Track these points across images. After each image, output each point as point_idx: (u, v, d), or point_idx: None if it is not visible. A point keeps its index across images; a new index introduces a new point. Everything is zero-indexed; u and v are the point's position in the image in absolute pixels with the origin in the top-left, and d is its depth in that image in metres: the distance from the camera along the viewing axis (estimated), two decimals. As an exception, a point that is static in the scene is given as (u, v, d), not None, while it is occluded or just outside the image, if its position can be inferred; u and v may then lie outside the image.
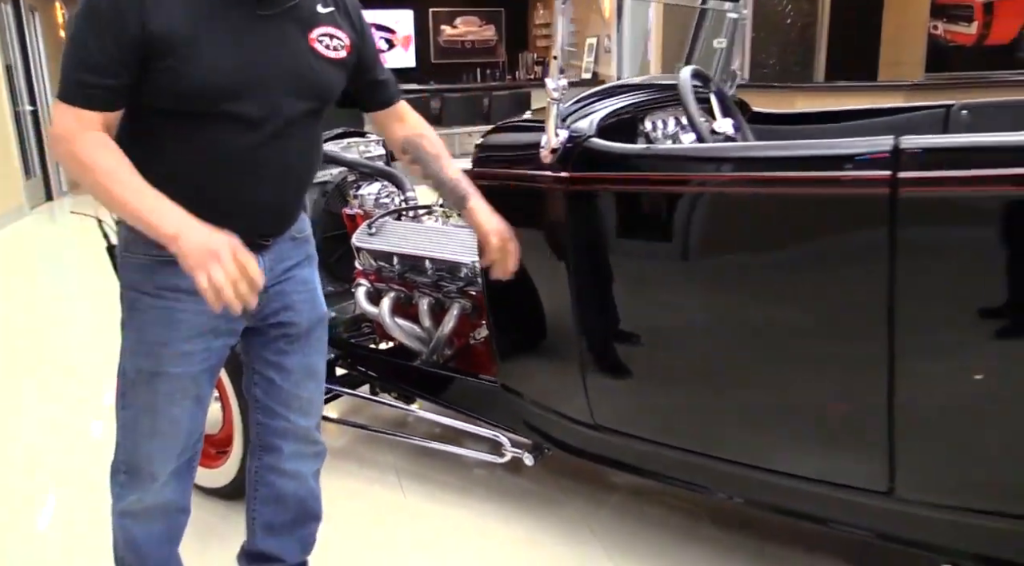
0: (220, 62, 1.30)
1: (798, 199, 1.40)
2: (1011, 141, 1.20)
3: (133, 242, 1.43)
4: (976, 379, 1.32)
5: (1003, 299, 1.28)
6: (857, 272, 1.35)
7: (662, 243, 1.59)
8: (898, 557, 1.72)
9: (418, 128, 1.70)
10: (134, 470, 1.53)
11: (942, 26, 8.22)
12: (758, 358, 1.52)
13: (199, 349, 1.48)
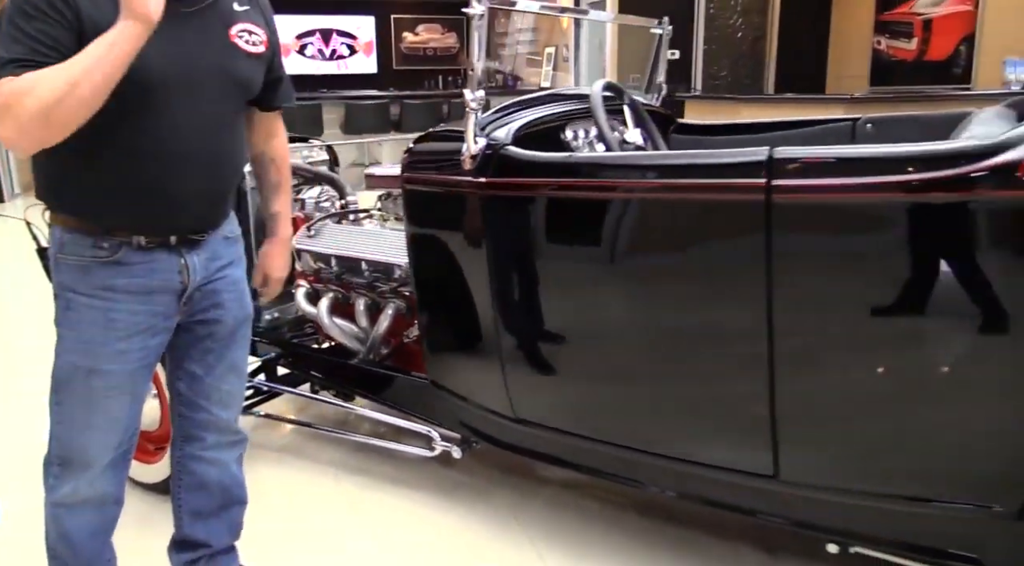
0: (148, 56, 1.34)
1: (685, 204, 1.52)
2: (869, 153, 1.34)
3: (69, 244, 1.49)
4: (851, 373, 1.44)
5: (868, 296, 1.41)
6: (739, 272, 1.48)
7: (566, 245, 1.71)
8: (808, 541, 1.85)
9: (278, 153, 1.81)
10: (67, 462, 1.58)
11: (885, 42, 8.52)
12: (655, 353, 1.64)
13: (136, 348, 1.53)
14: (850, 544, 1.63)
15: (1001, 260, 1.27)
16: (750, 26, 8.81)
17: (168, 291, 1.55)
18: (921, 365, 1.40)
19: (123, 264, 1.50)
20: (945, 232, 1.31)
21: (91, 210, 1.47)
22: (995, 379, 1.35)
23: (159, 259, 1.52)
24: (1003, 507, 1.38)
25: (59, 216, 1.51)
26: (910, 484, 1.49)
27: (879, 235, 1.36)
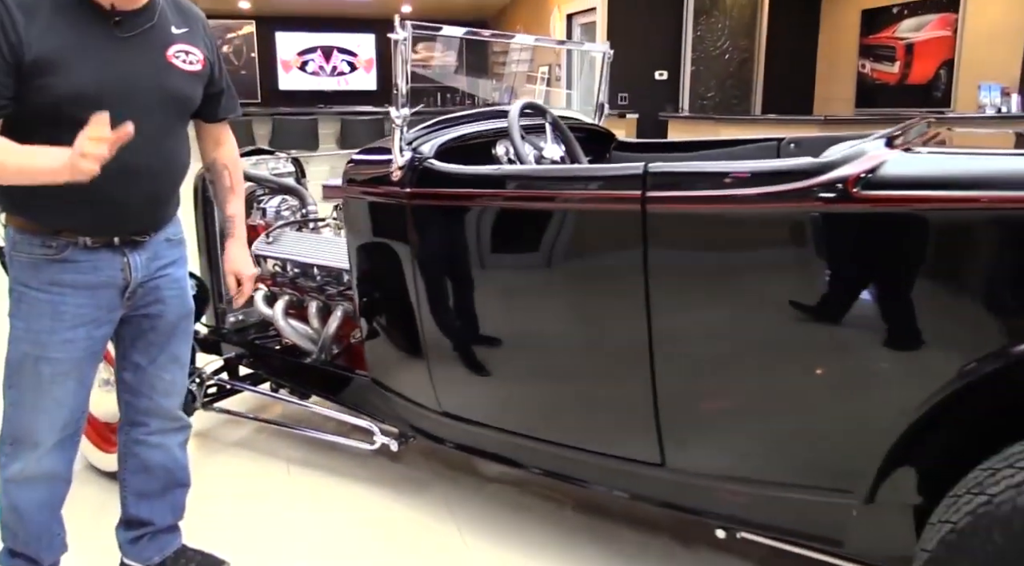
0: (87, 78, 1.51)
1: (572, 213, 1.67)
2: (728, 168, 1.49)
3: (20, 242, 1.64)
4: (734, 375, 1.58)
5: (734, 298, 1.55)
6: (621, 276, 1.62)
7: (475, 251, 1.86)
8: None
9: (228, 159, 1.98)
10: (18, 442, 1.72)
11: (869, 65, 8.69)
12: (551, 351, 1.80)
13: (81, 337, 1.67)
14: (735, 530, 1.76)
15: (839, 265, 1.42)
16: (737, 48, 9.00)
17: (112, 287, 1.69)
18: (784, 363, 1.54)
19: (70, 262, 1.64)
20: (792, 239, 1.45)
21: (40, 213, 1.61)
22: (847, 377, 1.48)
23: (103, 258, 1.67)
24: (857, 493, 1.51)
25: (13, 218, 1.65)
26: (780, 472, 1.62)
27: (739, 241, 1.51)
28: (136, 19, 1.58)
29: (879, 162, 1.35)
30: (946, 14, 7.68)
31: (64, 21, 1.51)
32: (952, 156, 1.42)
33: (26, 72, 1.47)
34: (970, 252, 1.30)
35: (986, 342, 1.29)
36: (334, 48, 12.61)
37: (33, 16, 1.48)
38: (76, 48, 1.51)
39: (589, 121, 2.81)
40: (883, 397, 1.42)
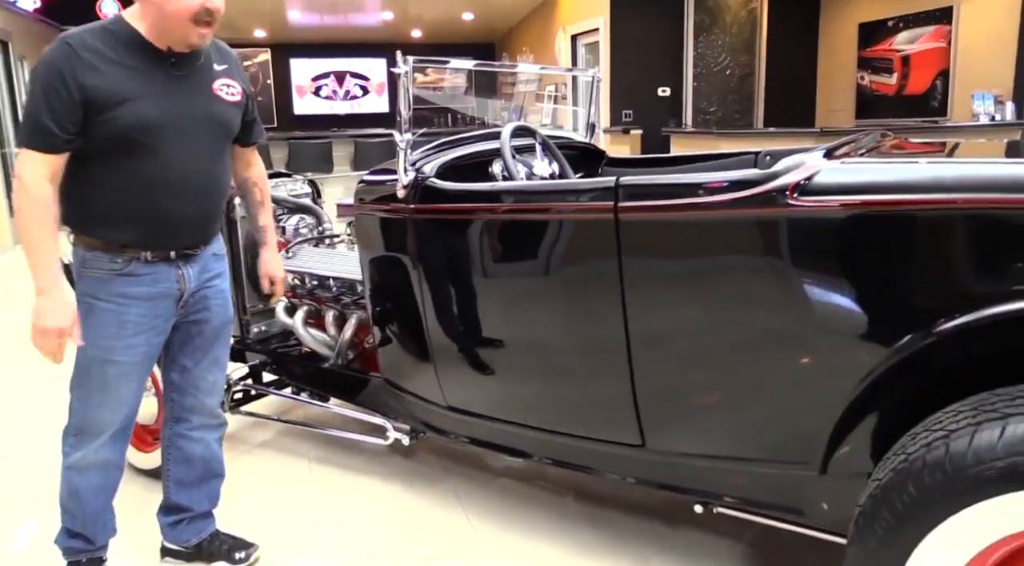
0: (150, 110, 1.77)
1: (556, 223, 1.90)
2: (685, 179, 1.71)
3: (90, 259, 1.86)
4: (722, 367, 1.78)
5: (699, 294, 1.76)
6: (599, 276, 1.83)
7: (472, 259, 2.08)
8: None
9: (257, 178, 2.25)
10: (83, 433, 1.95)
11: (868, 77, 8.89)
12: (542, 349, 2.01)
13: (142, 343, 1.90)
14: (712, 504, 1.96)
15: (783, 262, 1.62)
16: (738, 64, 9.22)
17: (168, 297, 1.93)
18: (745, 351, 1.74)
19: (134, 275, 1.87)
20: (742, 240, 1.65)
21: (109, 232, 1.85)
22: (795, 361, 1.68)
23: (161, 271, 1.90)
24: (811, 465, 1.70)
25: (81, 237, 1.88)
26: (747, 449, 1.81)
27: (698, 244, 1.72)
28: (188, 59, 1.85)
29: (814, 172, 1.56)
30: (940, 26, 7.87)
31: (129, 61, 1.76)
32: (873, 165, 1.62)
33: (96, 107, 1.71)
34: (890, 246, 1.50)
35: (909, 324, 1.49)
36: (347, 73, 12.98)
37: (101, 58, 1.73)
38: (140, 84, 1.77)
39: (581, 140, 3.03)
40: (826, 378, 1.61)
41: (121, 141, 1.76)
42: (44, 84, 1.71)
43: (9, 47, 8.88)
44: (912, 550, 1.34)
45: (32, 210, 1.73)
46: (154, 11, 1.77)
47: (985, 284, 1.43)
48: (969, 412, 1.35)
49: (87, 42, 1.73)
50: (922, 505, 1.33)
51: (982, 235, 1.43)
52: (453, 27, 11.91)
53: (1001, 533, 1.29)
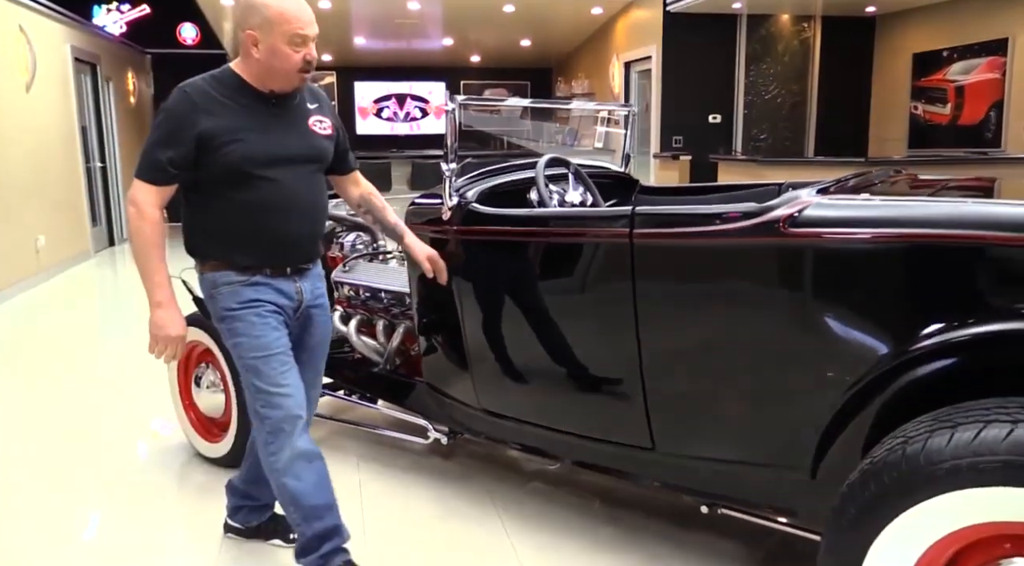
0: (257, 145, 2.01)
1: (579, 246, 2.13)
2: (693, 210, 1.93)
3: (220, 279, 2.06)
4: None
5: (704, 312, 1.97)
6: (616, 294, 2.06)
7: (509, 277, 2.33)
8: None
9: (369, 189, 2.44)
10: (276, 431, 2.04)
11: (921, 107, 8.90)
12: (566, 360, 2.24)
13: (284, 334, 2.09)
14: (716, 505, 2.15)
15: (776, 286, 1.82)
16: (789, 92, 9.33)
17: (289, 306, 2.12)
18: (743, 365, 1.94)
19: (260, 285, 2.08)
20: (742, 266, 1.86)
21: (230, 255, 2.06)
22: (787, 374, 1.87)
23: (282, 283, 2.11)
24: (803, 470, 1.89)
25: (207, 263, 2.09)
26: (745, 454, 2.00)
27: (703, 268, 1.93)
28: (287, 100, 2.08)
29: (803, 206, 1.76)
30: (994, 57, 7.88)
31: (237, 104, 2.01)
32: (853, 202, 1.81)
33: (211, 145, 1.96)
34: (866, 274, 1.69)
35: (884, 344, 1.67)
36: (408, 95, 13.46)
37: (214, 102, 1.98)
38: (248, 123, 2.01)
39: (616, 169, 3.26)
40: (813, 390, 1.80)
41: (234, 173, 1.98)
42: (164, 127, 1.97)
43: (98, 69, 9.54)
44: (872, 541, 1.52)
45: (150, 231, 1.98)
46: (260, 67, 2.01)
47: (949, 310, 1.61)
48: (929, 422, 1.53)
49: (201, 88, 1.99)
50: (881, 501, 1.51)
51: (945, 266, 1.62)
52: (511, 52, 12.28)
53: (950, 528, 1.46)
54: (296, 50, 1.98)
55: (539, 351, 2.33)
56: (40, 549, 2.54)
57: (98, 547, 2.58)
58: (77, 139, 8.61)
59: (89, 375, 4.52)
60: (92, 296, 7.18)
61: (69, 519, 2.75)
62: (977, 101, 8.15)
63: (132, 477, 3.07)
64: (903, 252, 1.65)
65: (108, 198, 9.79)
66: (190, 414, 3.17)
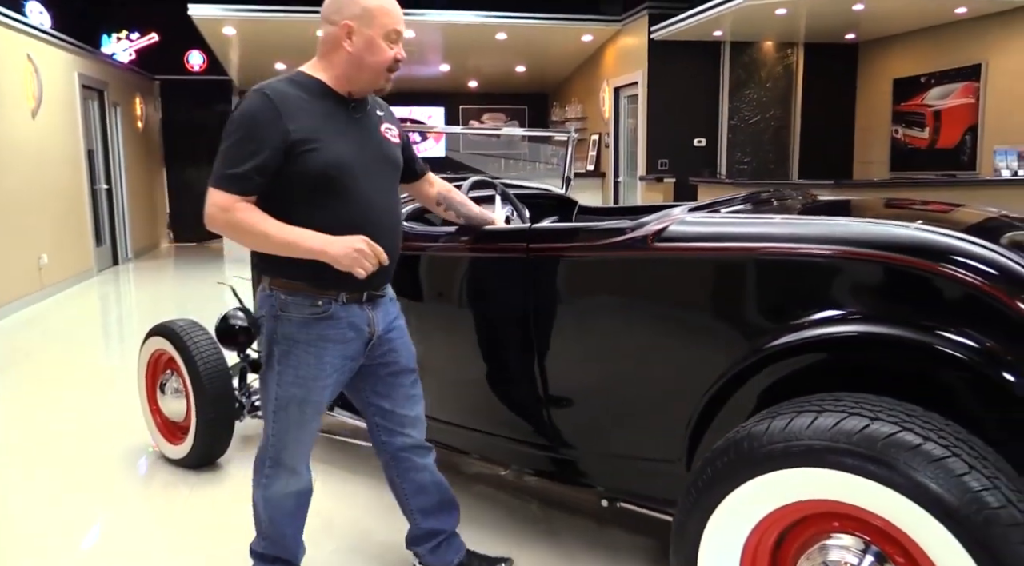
0: (341, 150, 1.89)
1: (484, 260, 2.35)
2: (572, 226, 2.14)
3: (291, 304, 1.93)
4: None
5: (585, 318, 2.17)
6: (516, 302, 2.27)
7: (428, 287, 2.55)
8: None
9: (444, 186, 2.37)
10: (278, 464, 2.03)
11: (902, 130, 9.09)
12: (476, 363, 2.44)
13: (332, 383, 2.00)
14: (615, 499, 2.33)
15: (646, 294, 2.03)
16: (773, 117, 9.54)
17: (359, 340, 2.01)
18: (622, 367, 2.11)
19: (333, 318, 1.94)
20: (619, 275, 2.07)
21: (309, 275, 1.89)
22: (657, 375, 2.05)
23: (355, 313, 1.98)
24: (679, 462, 2.07)
25: (280, 281, 1.94)
26: (632, 449, 2.19)
27: (588, 278, 2.14)
28: (361, 105, 2.00)
29: (668, 223, 1.97)
30: (969, 82, 8.06)
31: (318, 108, 1.90)
32: (715, 220, 2.01)
33: (297, 149, 1.84)
34: (723, 282, 1.90)
35: (738, 347, 1.87)
36: (408, 119, 13.76)
37: (296, 105, 1.86)
38: (329, 127, 1.90)
39: (557, 191, 3.48)
40: (680, 390, 1.99)
41: (320, 179, 1.86)
42: (246, 131, 1.83)
43: (105, 95, 9.92)
44: (708, 518, 1.70)
45: (248, 215, 1.83)
46: (349, 62, 1.91)
47: (786, 317, 1.80)
48: (762, 414, 1.71)
49: (281, 90, 1.86)
50: (714, 483, 1.69)
51: (782, 276, 1.82)
52: (507, 78, 12.58)
53: (773, 506, 1.64)
54: (391, 46, 1.92)
55: (455, 356, 2.54)
56: (29, 550, 2.75)
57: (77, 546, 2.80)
58: (83, 162, 8.95)
59: (82, 389, 4.76)
60: (91, 314, 7.45)
61: (60, 527, 2.96)
62: (953, 125, 8.33)
63: (122, 489, 3.28)
64: (749, 264, 1.85)
65: (113, 219, 10.13)
66: (156, 418, 3.40)
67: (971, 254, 1.67)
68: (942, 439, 1.44)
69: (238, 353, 3.50)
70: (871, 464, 1.45)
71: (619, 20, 9.88)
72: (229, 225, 1.84)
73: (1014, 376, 1.56)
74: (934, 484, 1.38)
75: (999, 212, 2.30)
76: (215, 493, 3.07)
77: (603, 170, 10.82)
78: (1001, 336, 1.60)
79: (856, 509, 1.52)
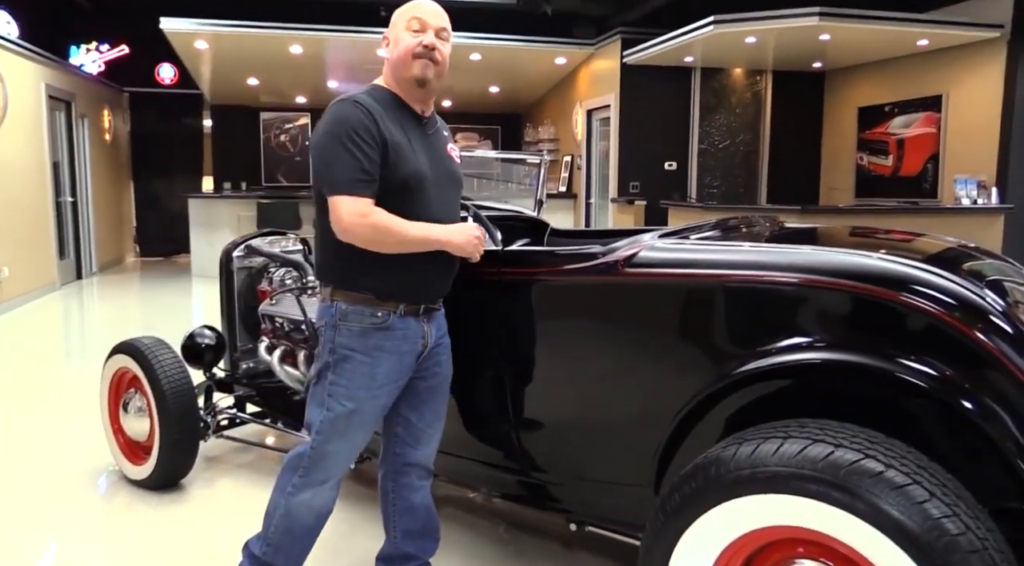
0: (420, 163, 1.95)
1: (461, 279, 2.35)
2: (548, 250, 2.15)
3: (351, 313, 1.95)
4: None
5: (559, 339, 2.18)
6: (488, 321, 2.28)
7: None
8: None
9: None
10: (313, 471, 2.00)
11: (867, 158, 9.30)
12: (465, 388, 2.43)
13: (383, 395, 2.01)
14: (583, 523, 2.33)
15: (616, 318, 2.04)
16: (742, 142, 9.70)
17: (413, 353, 2.02)
18: (591, 391, 2.12)
19: (391, 329, 1.96)
20: (588, 299, 2.08)
21: (375, 283, 1.94)
22: (626, 401, 2.06)
23: (411, 326, 2.00)
24: (647, 486, 2.08)
25: (342, 292, 1.97)
26: (604, 472, 2.19)
27: (557, 300, 2.16)
28: (431, 121, 2.08)
29: (639, 249, 2.00)
30: (931, 112, 8.29)
31: (398, 121, 1.95)
32: (683, 246, 2.04)
33: (387, 156, 1.89)
34: (692, 308, 1.92)
35: (706, 370, 1.89)
36: (381, 137, 13.79)
37: (382, 116, 1.91)
38: (409, 140, 1.96)
39: (529, 213, 3.50)
40: (647, 414, 2.00)
41: (400, 188, 1.90)
42: (349, 136, 1.85)
43: (72, 106, 9.79)
44: (676, 544, 1.71)
45: (383, 219, 1.86)
46: (389, 66, 2.00)
47: (756, 341, 1.82)
48: (728, 440, 1.73)
49: (367, 102, 1.91)
50: (682, 508, 1.70)
51: (749, 303, 1.84)
52: (481, 99, 12.64)
53: (740, 531, 1.65)
54: (414, 34, 1.96)
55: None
56: (-42, 562, 2.67)
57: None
58: (48, 174, 8.80)
59: (41, 406, 4.65)
60: (52, 328, 7.30)
61: (16, 550, 2.89)
62: (916, 153, 8.54)
63: (81, 510, 3.21)
64: (717, 290, 1.88)
65: (78, 232, 9.96)
66: (118, 438, 3.33)
67: (932, 284, 1.71)
68: (904, 466, 1.47)
69: (204, 372, 3.49)
70: (835, 491, 1.47)
71: (592, 44, 10.01)
72: (374, 229, 1.86)
73: (972, 404, 1.60)
74: (896, 511, 1.41)
75: (958, 242, 2.37)
76: (178, 513, 3.01)
77: (575, 192, 10.90)
78: (960, 364, 1.64)
79: (820, 535, 1.54)
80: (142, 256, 12.79)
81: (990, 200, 7.30)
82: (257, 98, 12.31)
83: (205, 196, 10.76)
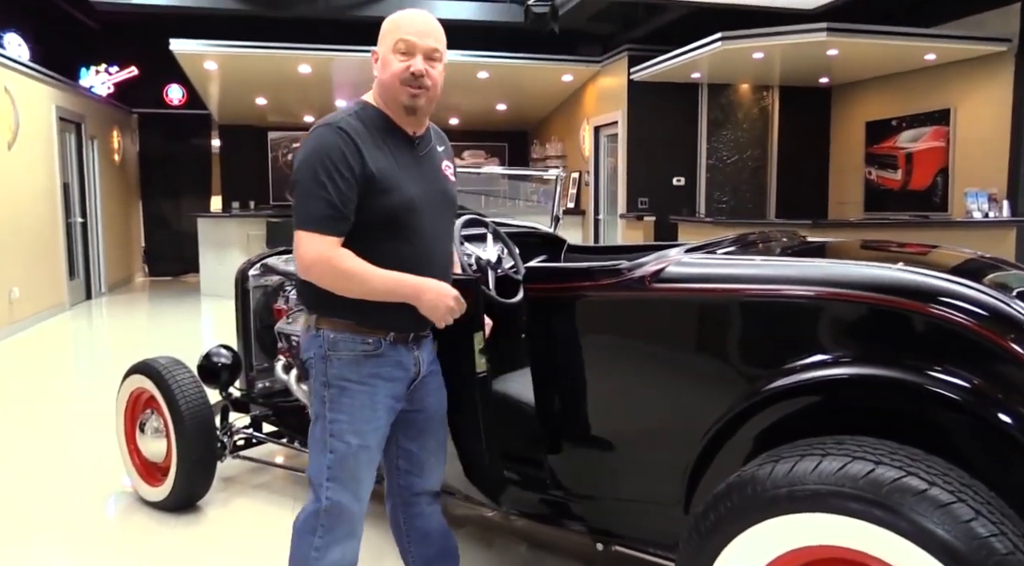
0: (411, 190, 1.83)
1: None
2: (571, 267, 2.14)
3: (341, 342, 1.83)
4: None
5: (586, 355, 2.16)
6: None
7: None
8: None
9: None
10: (335, 529, 1.85)
11: (875, 172, 9.28)
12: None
13: (383, 425, 1.90)
14: (610, 542, 2.30)
15: (643, 333, 2.03)
16: (750, 157, 9.70)
17: (404, 380, 1.92)
18: (622, 410, 2.12)
19: (383, 356, 1.86)
20: (616, 314, 2.07)
21: (360, 313, 1.82)
22: (655, 418, 2.05)
23: (402, 353, 1.90)
24: (678, 505, 2.05)
25: (328, 320, 1.85)
26: (633, 490, 2.17)
27: (584, 316, 2.14)
28: (423, 141, 1.94)
29: (666, 264, 1.98)
30: (939, 127, 8.28)
31: (386, 145, 1.83)
32: (711, 261, 2.03)
33: (372, 188, 1.78)
34: (721, 323, 1.90)
35: (736, 387, 1.86)
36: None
37: (368, 142, 1.80)
38: (398, 166, 1.84)
39: (546, 229, 3.49)
40: (677, 432, 1.98)
41: (387, 220, 1.80)
42: (325, 167, 1.74)
43: (83, 128, 9.85)
44: (716, 556, 1.67)
45: (347, 262, 1.75)
46: (378, 86, 1.87)
47: (787, 357, 1.80)
48: (764, 457, 1.71)
49: (353, 126, 1.79)
50: (718, 528, 1.67)
51: (780, 318, 1.82)
52: (488, 116, 12.69)
53: (784, 548, 1.62)
54: (401, 58, 1.83)
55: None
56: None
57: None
58: (58, 195, 8.84)
59: (53, 427, 4.63)
60: (63, 349, 7.30)
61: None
62: (925, 167, 8.53)
63: (95, 532, 3.18)
64: (747, 305, 1.86)
65: (88, 252, 9.98)
66: (134, 459, 3.31)
67: (960, 295, 1.69)
68: (947, 484, 1.44)
69: (220, 392, 3.47)
70: (877, 509, 1.44)
71: (599, 61, 10.05)
72: (334, 272, 1.75)
73: (1009, 416, 1.57)
74: (941, 530, 1.38)
75: (975, 253, 2.34)
76: (196, 534, 2.99)
77: (583, 208, 10.90)
78: (993, 376, 1.62)
79: (861, 554, 1.51)
80: (150, 276, 12.81)
81: (1001, 213, 7.28)
82: (265, 117, 12.37)
83: (214, 215, 10.80)
